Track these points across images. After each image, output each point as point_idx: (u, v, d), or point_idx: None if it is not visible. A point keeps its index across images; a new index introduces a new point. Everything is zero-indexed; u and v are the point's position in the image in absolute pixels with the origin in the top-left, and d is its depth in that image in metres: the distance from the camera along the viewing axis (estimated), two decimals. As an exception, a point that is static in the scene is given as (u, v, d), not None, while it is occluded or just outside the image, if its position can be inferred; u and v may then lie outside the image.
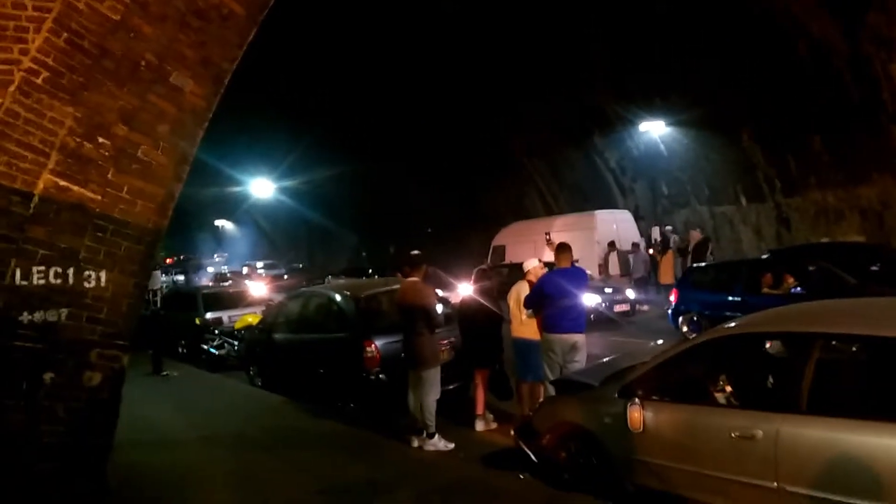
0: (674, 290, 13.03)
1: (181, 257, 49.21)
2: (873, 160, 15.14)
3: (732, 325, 4.87)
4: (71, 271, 4.48)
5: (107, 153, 4.59)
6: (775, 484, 3.86)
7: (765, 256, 14.95)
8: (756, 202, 18.85)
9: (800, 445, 3.80)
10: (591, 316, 13.64)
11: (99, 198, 4.58)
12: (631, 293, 15.52)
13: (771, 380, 4.67)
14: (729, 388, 4.63)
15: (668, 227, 20.73)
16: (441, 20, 19.81)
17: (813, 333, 4.11)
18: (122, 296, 4.71)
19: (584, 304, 6.89)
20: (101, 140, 4.57)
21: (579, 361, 6.52)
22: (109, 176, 4.62)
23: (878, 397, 3.89)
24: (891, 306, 4.63)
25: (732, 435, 4.07)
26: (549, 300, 6.60)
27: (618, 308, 14.49)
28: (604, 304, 14.12)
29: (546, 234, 18.83)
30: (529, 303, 6.82)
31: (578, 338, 6.59)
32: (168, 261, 47.37)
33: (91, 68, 4.48)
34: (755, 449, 3.96)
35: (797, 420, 3.86)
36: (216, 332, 12.84)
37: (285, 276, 32.39)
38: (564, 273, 6.79)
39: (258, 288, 18.55)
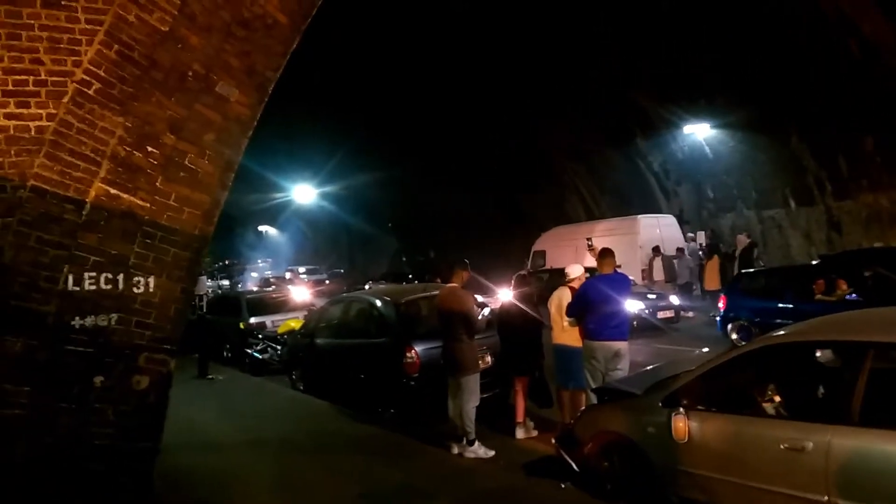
0: (722, 297, 12.76)
1: (226, 262, 50.22)
2: (929, 162, 14.62)
3: (781, 333, 4.73)
4: (121, 277, 4.61)
5: (155, 162, 4.71)
6: (826, 498, 3.74)
7: (815, 262, 14.52)
8: (805, 205, 18.34)
9: (852, 458, 3.67)
10: (635, 322, 13.31)
11: (148, 205, 4.70)
12: (675, 299, 15.19)
13: (822, 390, 4.52)
14: (778, 399, 4.50)
15: (701, 233, 20.41)
16: (484, 23, 19.81)
17: (866, 342, 3.97)
18: (170, 301, 4.81)
19: (627, 310, 6.76)
20: (150, 149, 4.69)
21: (622, 369, 6.42)
22: (158, 184, 4.73)
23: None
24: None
25: (781, 446, 3.96)
26: (592, 307, 6.51)
27: (662, 314, 14.20)
28: (647, 311, 13.86)
29: (588, 239, 18.63)
30: (572, 310, 6.74)
31: (621, 345, 6.49)
32: (227, 262, 48.52)
33: (141, 79, 4.60)
34: (805, 461, 3.84)
35: (849, 432, 3.73)
36: (260, 336, 13.05)
37: (327, 281, 32.75)
38: (607, 279, 6.69)
39: (301, 293, 18.80)
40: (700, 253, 19.33)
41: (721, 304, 12.49)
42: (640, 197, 23.36)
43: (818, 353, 4.82)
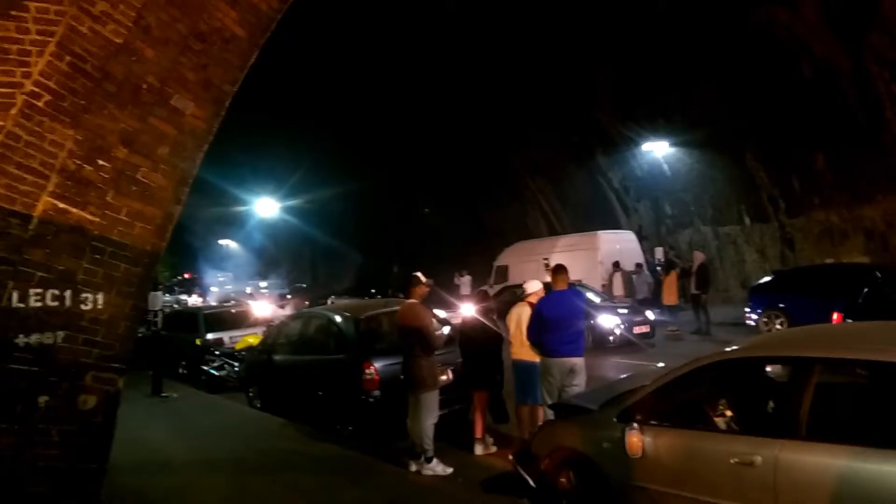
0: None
1: (185, 276, 49.29)
2: (878, 180, 15.16)
3: (733, 348, 4.82)
4: (68, 293, 4.47)
5: (106, 175, 4.60)
6: (776, 512, 3.80)
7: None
8: (760, 222, 18.85)
9: (799, 472, 3.74)
10: (611, 338, 13.33)
11: (97, 220, 4.58)
12: (650, 314, 14.97)
13: (771, 405, 4.61)
14: (729, 413, 4.57)
15: (659, 249, 20.81)
16: (446, 39, 19.98)
17: (811, 358, 4.07)
18: (120, 318, 4.69)
19: (583, 326, 6.80)
20: (101, 162, 4.58)
21: (578, 385, 6.46)
22: (108, 198, 4.62)
23: (878, 424, 3.84)
24: (893, 329, 4.58)
25: (732, 461, 4.01)
26: (547, 324, 6.54)
27: (637, 329, 13.96)
28: (623, 326, 13.65)
29: (545, 259, 18.82)
30: (531, 332, 6.75)
31: (577, 361, 6.52)
32: (187, 275, 47.59)
33: (93, 91, 4.51)
34: (754, 475, 3.90)
35: (796, 446, 3.80)
36: (217, 352, 12.81)
37: (288, 296, 32.37)
38: (560, 296, 6.73)
39: (263, 307, 18.50)
40: (658, 269, 19.66)
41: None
42: (601, 213, 23.73)
43: (769, 368, 4.92)
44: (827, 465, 3.65)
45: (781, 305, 13.07)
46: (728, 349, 4.89)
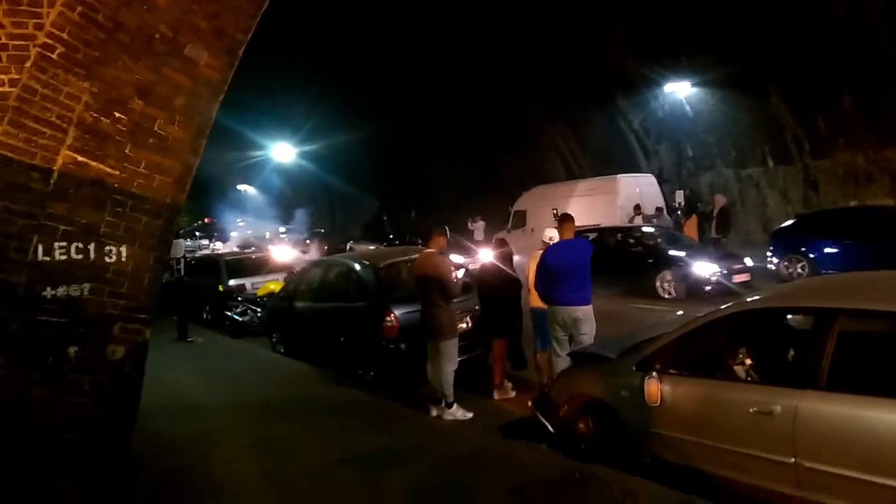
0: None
1: (205, 221, 49.68)
2: (904, 121, 14.71)
3: (754, 298, 4.80)
4: (92, 246, 4.52)
5: (124, 128, 4.58)
6: (793, 459, 3.85)
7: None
8: (783, 164, 18.47)
9: (818, 422, 3.77)
10: (707, 288, 12.39)
11: (117, 173, 4.59)
12: (749, 261, 13.35)
13: (792, 355, 4.61)
14: (749, 363, 4.60)
15: (680, 192, 20.55)
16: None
17: (833, 309, 4.04)
18: (143, 270, 4.75)
19: (588, 275, 6.66)
20: (117, 115, 4.55)
21: (587, 334, 6.48)
22: (127, 151, 4.62)
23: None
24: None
25: (751, 410, 4.05)
26: (552, 273, 6.56)
27: (738, 278, 12.68)
28: (721, 273, 12.57)
29: (553, 209, 18.66)
30: (538, 281, 6.78)
31: (582, 310, 6.51)
32: (206, 220, 48.15)
33: (106, 42, 4.44)
34: (773, 424, 3.94)
35: (816, 396, 3.82)
36: (239, 298, 13.01)
37: (307, 241, 32.55)
38: (567, 245, 6.70)
39: (285, 253, 18.60)
40: (678, 212, 19.47)
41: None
42: (621, 156, 23.37)
43: (789, 317, 4.90)
44: (846, 416, 3.66)
45: (803, 249, 12.93)
46: (748, 299, 4.87)
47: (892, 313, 3.92)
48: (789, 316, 4.89)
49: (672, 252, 13.31)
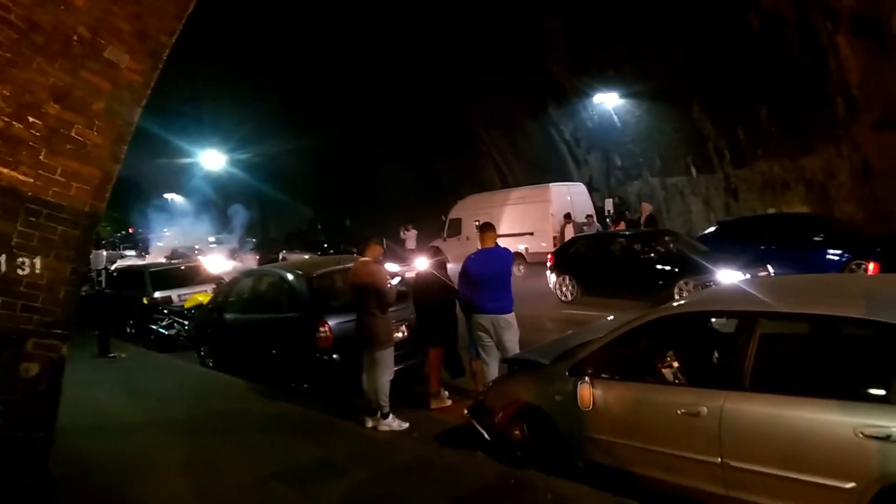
0: None
1: (129, 231, 47.85)
2: (818, 131, 15.54)
3: (680, 303, 4.95)
4: (2, 258, 4.26)
5: (38, 133, 4.35)
6: (720, 459, 3.96)
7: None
8: (706, 173, 19.23)
9: (742, 422, 3.90)
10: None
11: (31, 180, 4.34)
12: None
13: (717, 357, 4.77)
14: (676, 366, 4.72)
15: (609, 200, 21.14)
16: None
17: (755, 312, 4.20)
18: (59, 282, 4.51)
19: (509, 283, 6.77)
20: (31, 119, 4.32)
21: (510, 341, 6.53)
22: (42, 157, 4.38)
23: (815, 374, 4.01)
24: (832, 282, 4.76)
25: (679, 412, 4.16)
26: (473, 282, 6.62)
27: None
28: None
29: (476, 220, 18.86)
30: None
31: (504, 318, 6.56)
32: (130, 230, 46.44)
33: (19, 43, 4.21)
34: (700, 425, 4.05)
35: (740, 397, 3.95)
36: (165, 311, 12.54)
37: (238, 252, 31.74)
38: (487, 253, 6.75)
39: (216, 264, 18.04)
40: (608, 219, 19.97)
41: None
42: (553, 165, 23.84)
43: (713, 321, 5.07)
44: (769, 415, 3.80)
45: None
46: (675, 303, 5.01)
47: (809, 315, 4.10)
48: (714, 319, 5.07)
49: (693, 258, 12.14)
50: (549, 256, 15.10)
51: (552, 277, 14.44)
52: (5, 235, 4.27)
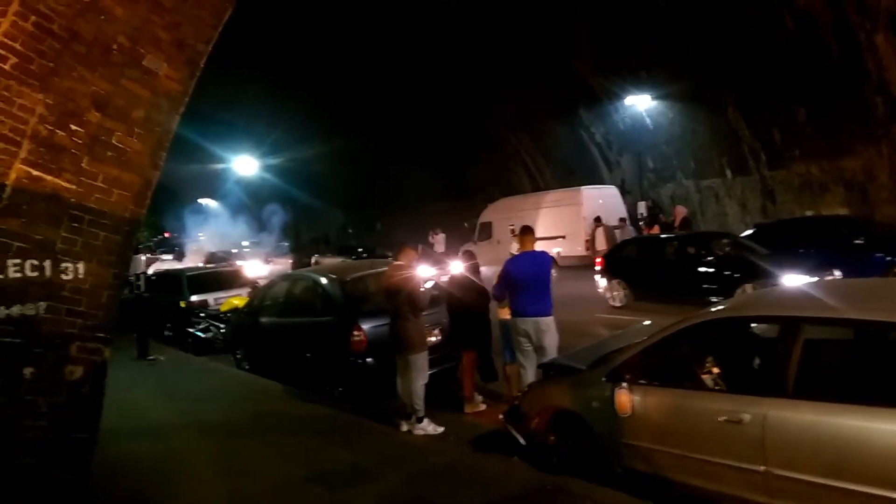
0: None
1: (165, 235, 48.70)
2: (857, 132, 15.16)
3: (720, 308, 4.86)
4: (48, 263, 4.36)
5: (80, 141, 4.44)
6: (763, 468, 3.87)
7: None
8: (741, 175, 18.89)
9: (787, 429, 3.80)
10: None
11: (74, 187, 4.44)
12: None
13: (758, 363, 4.66)
14: (716, 371, 4.63)
15: (642, 203, 20.91)
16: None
17: (797, 317, 4.09)
18: (102, 287, 4.60)
19: (549, 286, 6.66)
20: (73, 127, 4.41)
21: (549, 345, 6.46)
22: (84, 164, 4.47)
23: (862, 381, 3.90)
24: (877, 288, 4.63)
25: (719, 419, 4.08)
26: (512, 285, 6.59)
27: None
28: None
29: (511, 225, 18.76)
30: (496, 290, 6.81)
31: (544, 321, 6.51)
32: (166, 234, 47.32)
33: (61, 53, 4.31)
34: (742, 433, 3.96)
35: (784, 404, 3.86)
36: (202, 314, 12.73)
37: (272, 256, 32.13)
38: (526, 257, 6.73)
39: (252, 267, 18.28)
40: (641, 223, 19.75)
41: None
42: (584, 167, 23.68)
43: (754, 326, 4.96)
44: (814, 423, 3.70)
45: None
46: (714, 308, 4.92)
47: (853, 321, 3.99)
48: (754, 325, 4.96)
49: (755, 261, 11.42)
50: (598, 260, 14.52)
51: (602, 282, 13.79)
52: (50, 241, 4.37)
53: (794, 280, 9.78)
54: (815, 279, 9.72)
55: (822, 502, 3.68)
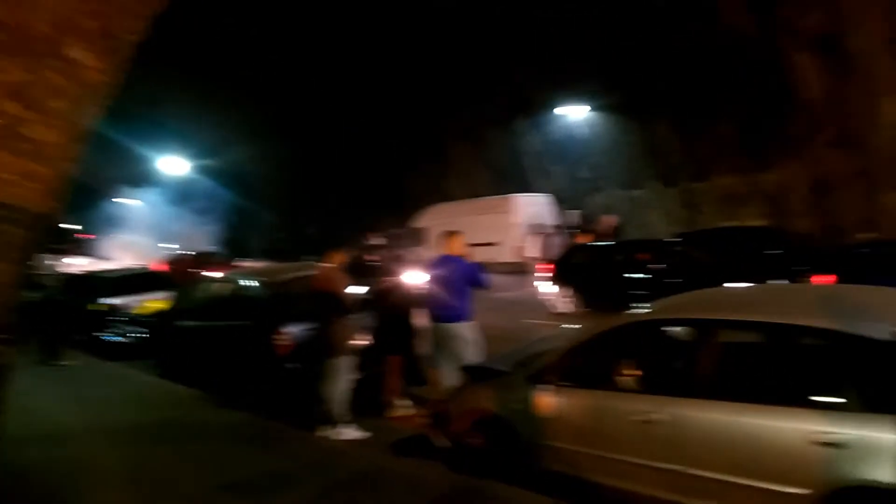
0: None
1: (77, 236, 46.40)
2: (778, 147, 15.98)
3: (638, 311, 5.00)
4: (-52, 260, 4.11)
5: (-7, 132, 4.20)
6: (676, 466, 4.00)
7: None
8: (668, 186, 19.56)
9: (697, 429, 3.94)
10: None
11: (-14, 181, 4.20)
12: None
13: (674, 365, 4.82)
14: (633, 374, 4.75)
15: (575, 212, 21.37)
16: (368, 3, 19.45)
17: (712, 320, 4.26)
18: (7, 286, 4.35)
19: (468, 293, 6.63)
20: (-13, 118, 4.17)
21: (469, 350, 6.47)
22: (-2, 157, 4.24)
23: (769, 382, 4.08)
24: (784, 291, 4.86)
25: (635, 419, 4.19)
26: (431, 286, 6.61)
27: None
28: None
29: (444, 230, 18.82)
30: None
31: (460, 327, 6.52)
32: (79, 235, 45.00)
33: (-25, 39, 4.08)
34: (657, 432, 4.09)
35: (695, 404, 4.00)
36: (116, 318, 12.16)
37: (196, 259, 31.07)
38: (447, 260, 6.73)
39: (171, 270, 17.68)
40: (571, 231, 20.15)
41: None
42: (519, 176, 23.99)
43: (672, 329, 5.12)
44: (723, 422, 3.85)
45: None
46: (634, 311, 5.06)
47: (766, 324, 4.16)
48: (672, 328, 5.13)
49: (705, 266, 11.50)
50: (543, 266, 14.37)
51: (552, 289, 13.63)
52: (-49, 237, 4.12)
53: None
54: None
55: (731, 500, 3.83)
